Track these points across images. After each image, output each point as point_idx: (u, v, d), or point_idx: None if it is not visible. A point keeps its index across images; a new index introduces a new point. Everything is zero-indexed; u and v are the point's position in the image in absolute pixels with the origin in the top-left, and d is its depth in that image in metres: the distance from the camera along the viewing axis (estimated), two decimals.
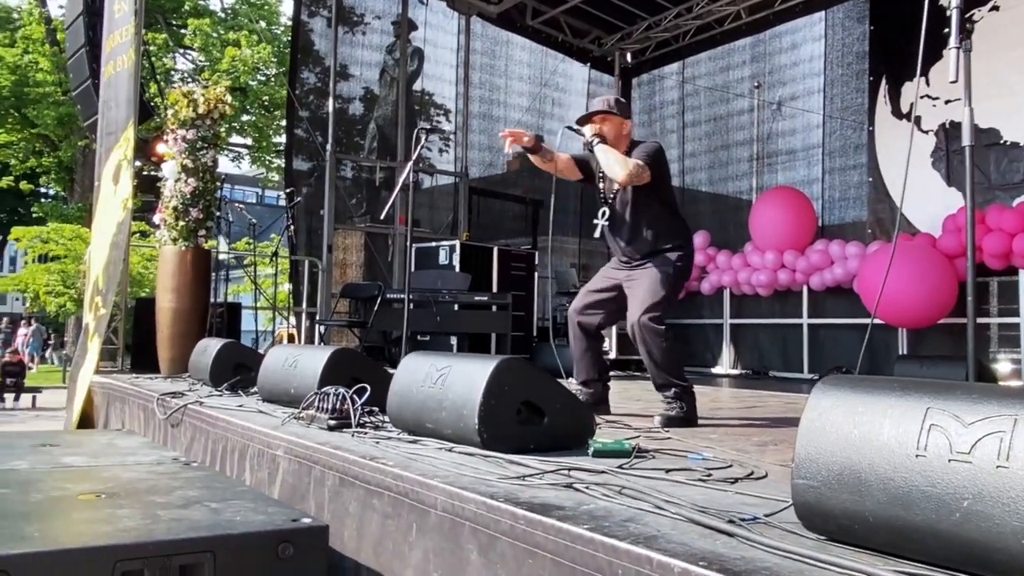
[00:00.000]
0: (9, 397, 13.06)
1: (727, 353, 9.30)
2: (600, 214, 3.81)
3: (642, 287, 3.59)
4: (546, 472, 2.10)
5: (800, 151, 9.12)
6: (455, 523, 1.91)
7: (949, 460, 1.27)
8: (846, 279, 7.76)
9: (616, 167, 3.51)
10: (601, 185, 3.82)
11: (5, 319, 24.36)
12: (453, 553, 1.91)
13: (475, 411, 2.40)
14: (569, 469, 2.15)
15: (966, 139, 2.38)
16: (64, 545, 1.69)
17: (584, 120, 3.73)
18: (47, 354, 23.51)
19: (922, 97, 7.69)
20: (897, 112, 7.97)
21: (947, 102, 7.45)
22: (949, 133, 7.45)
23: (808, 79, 8.97)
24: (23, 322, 22.82)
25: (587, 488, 1.93)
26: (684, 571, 1.34)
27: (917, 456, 1.31)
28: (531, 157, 3.76)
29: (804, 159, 9.06)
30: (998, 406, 1.26)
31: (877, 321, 7.25)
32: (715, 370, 9.29)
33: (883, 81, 8.06)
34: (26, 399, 13.06)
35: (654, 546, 1.44)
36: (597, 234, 3.91)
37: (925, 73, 7.43)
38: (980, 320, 6.92)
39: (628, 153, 3.63)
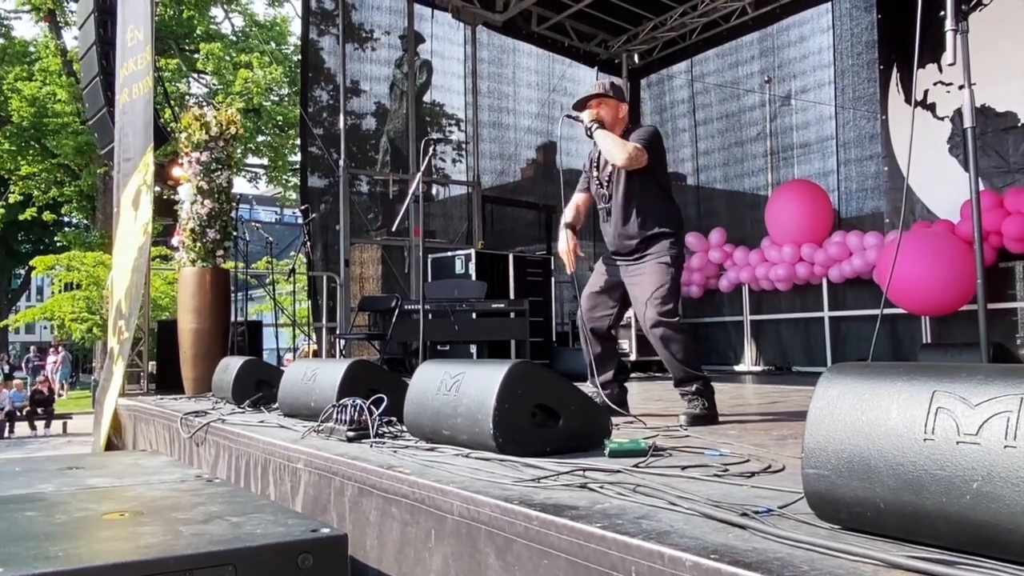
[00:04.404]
0: (40, 424, 13.30)
1: (749, 350, 9.24)
2: (602, 197, 3.82)
3: (645, 284, 3.58)
4: (561, 473, 2.11)
5: (814, 144, 9.07)
6: (471, 527, 1.92)
7: (957, 442, 1.26)
8: (865, 270, 7.70)
9: (616, 150, 3.55)
10: (595, 173, 3.83)
11: (33, 348, 24.75)
12: (471, 557, 1.91)
13: (489, 416, 2.41)
14: (584, 470, 2.15)
15: (967, 121, 2.36)
16: (87, 563, 1.72)
17: (581, 105, 3.74)
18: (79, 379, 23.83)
19: (936, 83, 7.62)
20: (910, 100, 7.89)
21: (962, 87, 7.35)
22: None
23: (818, 71, 8.92)
24: (51, 350, 23.15)
25: (601, 488, 1.93)
26: (695, 564, 1.34)
27: (925, 440, 1.31)
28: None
29: (819, 151, 9.00)
30: (1004, 386, 1.25)
31: (896, 311, 7.17)
32: (737, 368, 9.23)
33: (894, 69, 8.00)
34: (58, 426, 13.28)
35: (666, 541, 1.44)
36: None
37: (937, 59, 7.36)
38: (1004, 305, 6.83)
39: (625, 136, 3.64)
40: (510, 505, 1.80)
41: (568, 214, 3.94)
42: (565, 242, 3.81)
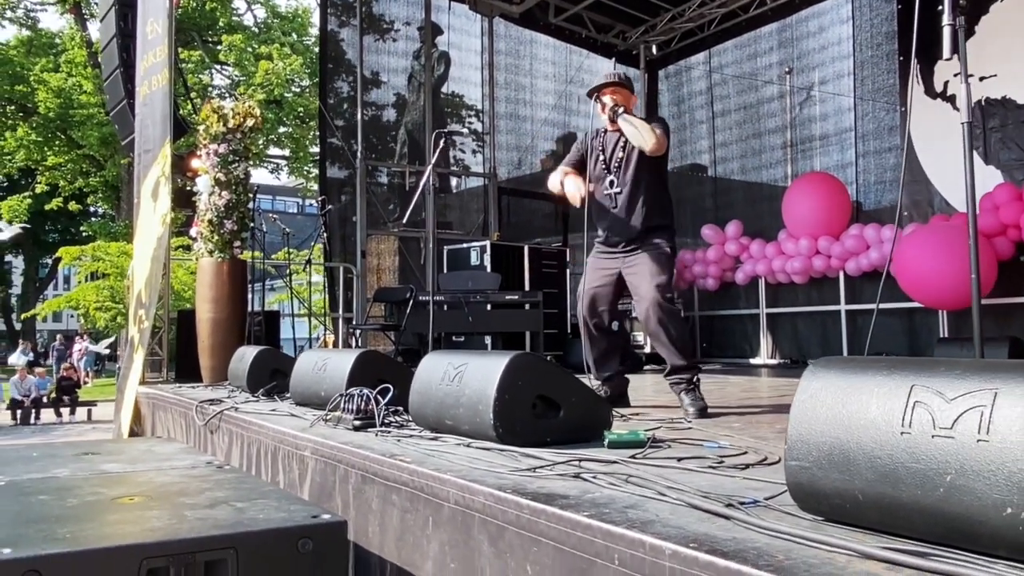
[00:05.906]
0: (65, 411, 13.56)
1: (765, 343, 9.20)
2: (609, 183, 3.79)
3: (646, 271, 3.61)
4: (556, 463, 2.14)
5: (833, 135, 8.98)
6: (466, 515, 1.96)
7: (932, 436, 1.28)
8: (882, 263, 7.63)
9: (645, 134, 3.55)
10: (602, 156, 3.80)
11: (59, 336, 25.16)
12: (466, 544, 1.96)
13: (490, 406, 2.45)
14: (580, 460, 2.18)
15: (964, 116, 2.35)
16: (93, 545, 1.78)
17: (597, 91, 3.75)
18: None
19: (956, 75, 7.50)
20: (930, 91, 7.79)
21: (982, 79, 7.26)
22: (985, 111, 7.26)
23: (837, 62, 8.83)
24: (77, 338, 23.52)
25: (594, 478, 1.96)
26: (674, 552, 1.37)
27: (902, 433, 1.32)
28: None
29: (837, 143, 8.92)
30: (979, 381, 1.26)
31: (913, 305, 7.11)
32: (753, 360, 9.20)
33: (914, 60, 7.90)
34: (83, 413, 13.53)
35: (649, 530, 1.47)
36: (606, 199, 3.83)
37: (957, 50, 7.25)
38: (1022, 299, 6.75)
39: None
40: (503, 494, 1.84)
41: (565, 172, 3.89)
42: (575, 183, 3.77)
